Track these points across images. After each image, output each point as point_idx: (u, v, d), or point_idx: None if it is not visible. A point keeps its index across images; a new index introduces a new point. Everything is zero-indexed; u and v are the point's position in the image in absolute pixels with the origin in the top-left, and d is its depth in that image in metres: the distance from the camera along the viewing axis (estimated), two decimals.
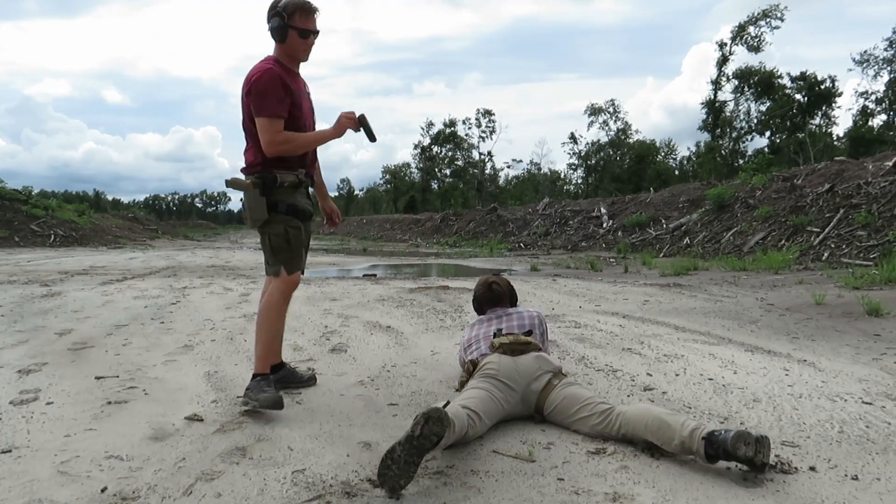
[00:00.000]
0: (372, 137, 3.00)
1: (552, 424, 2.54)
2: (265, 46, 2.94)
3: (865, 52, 36.92)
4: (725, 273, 9.68)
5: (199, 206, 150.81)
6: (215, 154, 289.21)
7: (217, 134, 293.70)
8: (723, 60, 39.03)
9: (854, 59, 36.97)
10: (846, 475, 2.04)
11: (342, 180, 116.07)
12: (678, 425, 2.13)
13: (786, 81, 37.95)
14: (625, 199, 22.31)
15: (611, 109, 49.85)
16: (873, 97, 37.51)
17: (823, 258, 10.34)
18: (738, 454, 1.96)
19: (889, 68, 36.17)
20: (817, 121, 38.72)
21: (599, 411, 2.38)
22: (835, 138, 38.57)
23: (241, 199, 2.89)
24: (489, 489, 1.95)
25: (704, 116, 39.90)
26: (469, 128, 59.42)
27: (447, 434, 2.03)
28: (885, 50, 35.61)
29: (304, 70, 3.02)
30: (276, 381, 2.89)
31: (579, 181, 54.74)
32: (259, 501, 1.88)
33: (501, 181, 63.68)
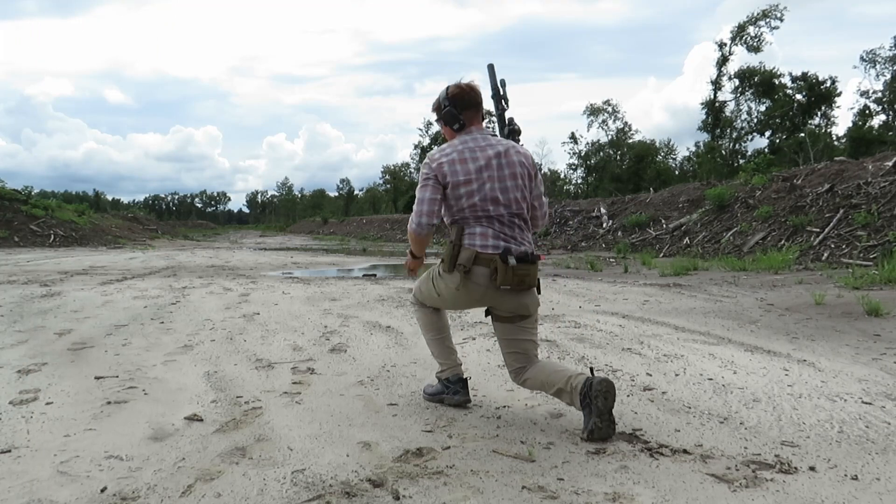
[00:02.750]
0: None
1: (552, 424, 2.55)
2: (265, 47, 2.91)
3: (871, 51, 37.04)
4: (725, 273, 9.68)
5: (199, 206, 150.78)
6: (216, 154, 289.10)
7: (217, 133, 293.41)
8: (722, 60, 38.98)
9: (862, 58, 37.11)
10: (846, 475, 2.04)
11: (342, 180, 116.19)
12: (570, 371, 2.47)
13: (787, 81, 37.99)
14: (625, 199, 22.30)
15: (609, 109, 49.84)
16: (874, 97, 37.58)
17: (823, 258, 10.34)
18: (592, 392, 2.32)
19: (892, 68, 36.23)
20: (817, 121, 38.72)
21: (514, 367, 2.65)
22: (835, 138, 38.58)
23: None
24: (489, 489, 1.95)
25: (704, 116, 39.89)
26: None
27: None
28: (890, 49, 35.70)
29: (304, 69, 2.98)
30: None
31: (579, 181, 54.73)
32: (259, 501, 1.88)
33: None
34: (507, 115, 2.78)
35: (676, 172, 47.43)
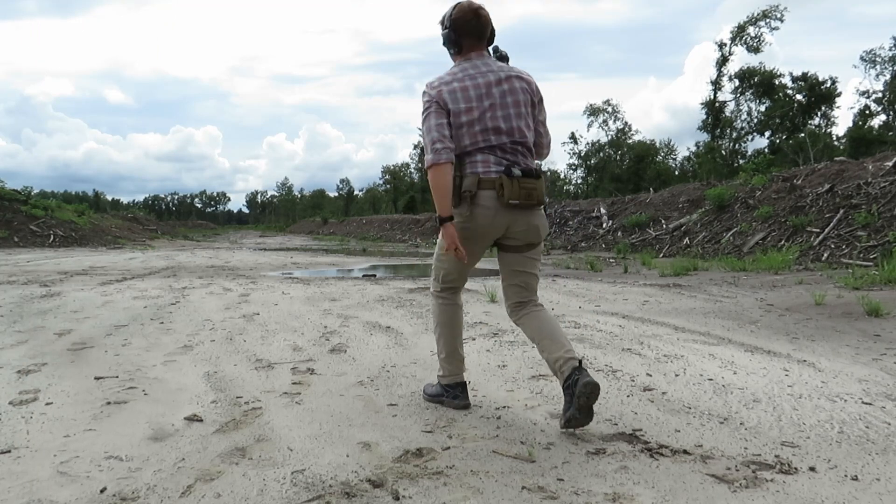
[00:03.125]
0: None
1: (552, 424, 2.55)
2: (265, 47, 2.90)
3: (871, 51, 37.07)
4: (725, 273, 9.68)
5: (199, 206, 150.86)
6: (216, 154, 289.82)
7: (217, 133, 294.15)
8: (722, 61, 38.98)
9: (862, 58, 37.16)
10: (846, 475, 2.04)
11: (342, 180, 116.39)
12: (562, 349, 2.43)
13: (787, 81, 38.00)
14: (624, 200, 22.29)
15: (609, 109, 49.83)
16: (874, 97, 37.60)
17: (823, 258, 10.34)
18: (577, 389, 2.31)
19: (892, 68, 36.24)
20: (817, 121, 38.73)
21: (514, 301, 2.64)
22: (835, 138, 38.59)
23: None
24: (489, 489, 1.95)
25: (704, 117, 39.90)
26: None
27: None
28: (890, 49, 35.73)
29: (304, 69, 2.96)
30: None
31: (579, 181, 54.71)
32: (259, 501, 1.88)
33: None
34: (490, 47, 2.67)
35: (676, 172, 47.41)
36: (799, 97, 37.52)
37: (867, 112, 37.89)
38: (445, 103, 2.43)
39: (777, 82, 37.81)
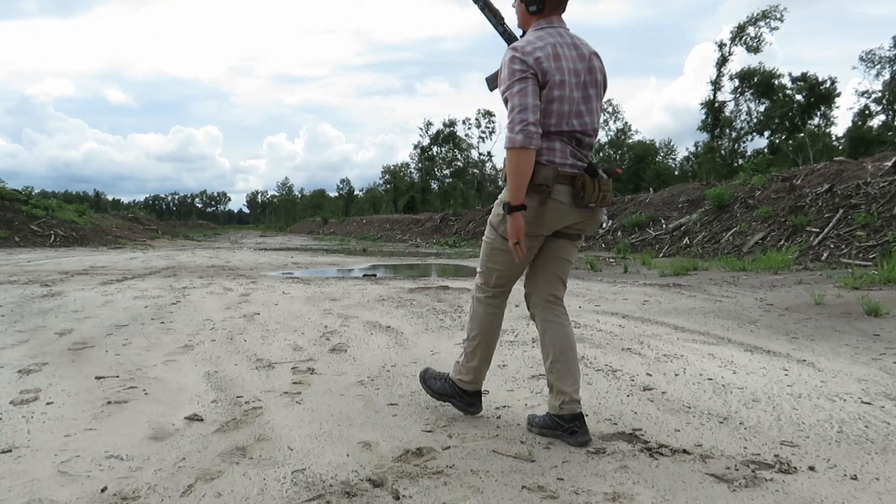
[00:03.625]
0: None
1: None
2: (265, 47, 2.89)
3: (871, 51, 37.12)
4: (725, 273, 9.68)
5: (199, 206, 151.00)
6: (216, 154, 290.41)
7: (218, 133, 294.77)
8: (722, 61, 39.03)
9: (861, 58, 37.23)
10: (845, 475, 2.05)
11: (342, 180, 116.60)
12: (572, 388, 2.34)
13: (786, 82, 38.04)
14: (624, 200, 22.29)
15: (609, 110, 49.90)
16: (873, 97, 37.64)
17: (823, 258, 10.34)
18: (568, 437, 2.32)
19: (891, 68, 36.28)
20: (816, 121, 38.78)
21: (548, 293, 2.45)
22: (834, 138, 38.64)
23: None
24: (489, 489, 1.95)
25: (704, 117, 39.94)
26: (469, 128, 59.53)
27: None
28: (890, 49, 35.77)
29: (304, 69, 2.96)
30: None
31: None
32: (259, 501, 1.88)
33: (501, 181, 63.62)
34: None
35: (676, 172, 47.50)
36: (798, 97, 37.57)
37: (866, 112, 37.94)
38: (544, 73, 2.17)
39: (777, 82, 37.87)
